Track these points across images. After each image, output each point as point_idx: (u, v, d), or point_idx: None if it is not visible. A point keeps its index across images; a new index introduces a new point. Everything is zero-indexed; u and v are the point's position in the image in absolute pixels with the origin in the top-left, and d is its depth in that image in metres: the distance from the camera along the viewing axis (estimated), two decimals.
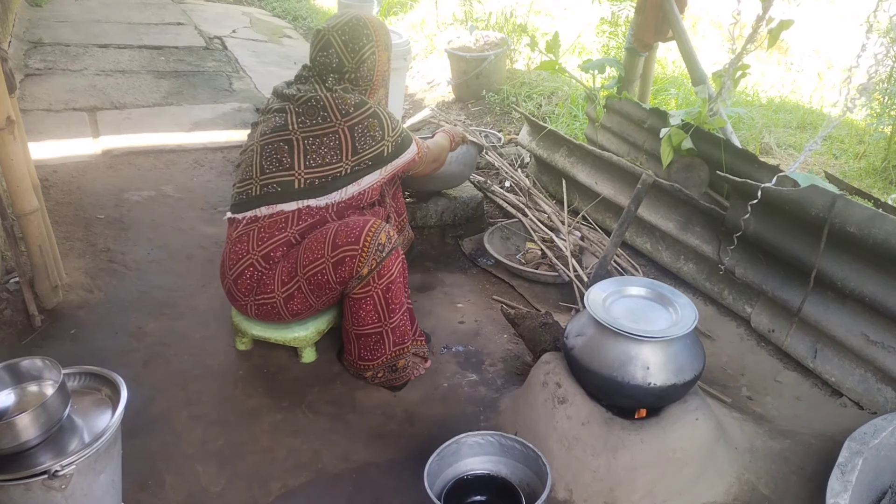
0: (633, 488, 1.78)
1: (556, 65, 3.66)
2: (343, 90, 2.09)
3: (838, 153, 4.29)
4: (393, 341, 2.13)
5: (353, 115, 2.03)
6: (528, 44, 4.90)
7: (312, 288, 2.05)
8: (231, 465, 1.94)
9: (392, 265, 2.02)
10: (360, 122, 2.04)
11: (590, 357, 1.82)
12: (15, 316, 2.42)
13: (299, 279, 2.04)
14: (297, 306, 2.12)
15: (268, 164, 2.06)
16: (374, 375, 2.19)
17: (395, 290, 2.06)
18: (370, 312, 2.06)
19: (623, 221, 2.43)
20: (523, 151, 4.01)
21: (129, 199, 3.40)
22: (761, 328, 2.55)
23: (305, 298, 2.09)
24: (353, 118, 2.03)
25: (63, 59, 5.36)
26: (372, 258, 1.97)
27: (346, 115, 2.02)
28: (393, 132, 2.11)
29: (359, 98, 2.07)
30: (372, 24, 2.16)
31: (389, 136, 2.10)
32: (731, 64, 2.98)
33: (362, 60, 2.13)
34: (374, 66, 2.16)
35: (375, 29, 2.15)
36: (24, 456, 1.44)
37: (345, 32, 2.11)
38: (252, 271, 2.11)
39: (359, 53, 2.12)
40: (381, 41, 2.17)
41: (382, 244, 1.98)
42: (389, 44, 2.21)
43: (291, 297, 2.09)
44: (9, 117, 2.21)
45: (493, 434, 1.87)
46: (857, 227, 2.11)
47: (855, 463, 1.68)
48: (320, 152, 2.02)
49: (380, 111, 2.09)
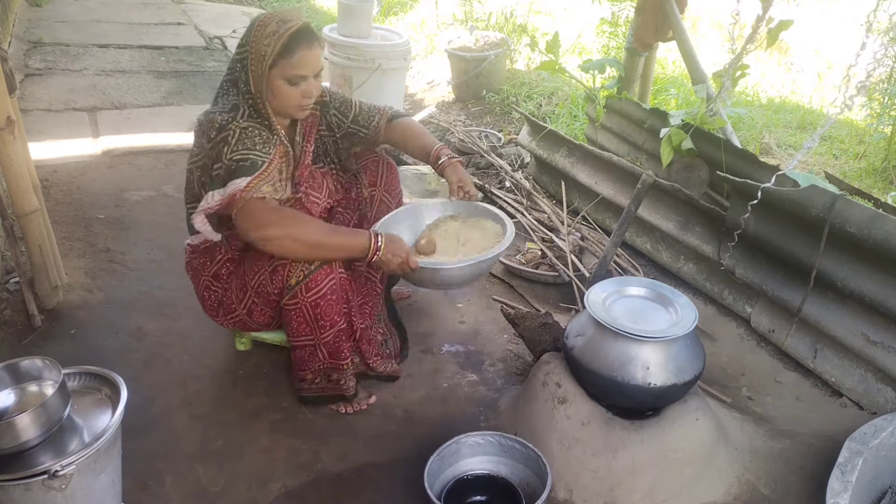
0: (633, 488, 1.78)
1: (556, 65, 3.66)
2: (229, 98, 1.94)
3: (838, 153, 4.29)
4: (327, 354, 2.05)
5: (214, 138, 1.88)
6: (528, 44, 4.89)
7: (262, 299, 2.02)
8: (231, 465, 1.94)
9: (321, 280, 1.92)
10: (215, 145, 1.88)
11: (590, 357, 1.82)
12: (15, 316, 2.42)
13: (250, 292, 2.03)
14: (261, 318, 2.09)
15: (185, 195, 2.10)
16: (312, 382, 2.10)
17: (324, 307, 1.95)
18: (301, 324, 1.99)
19: (623, 221, 2.43)
20: (523, 151, 4.01)
21: (129, 199, 3.40)
22: (761, 328, 2.55)
23: (263, 310, 2.06)
24: (213, 141, 1.89)
25: (63, 59, 5.36)
26: (300, 269, 1.91)
27: (209, 139, 1.90)
28: (230, 154, 1.85)
29: (229, 118, 1.88)
30: (261, 26, 1.85)
31: (226, 157, 1.85)
32: (731, 64, 2.98)
33: (237, 58, 1.92)
34: (248, 74, 1.88)
35: (257, 33, 1.85)
36: (24, 456, 1.44)
37: (251, 23, 1.90)
38: (209, 293, 2.13)
39: (237, 49, 1.93)
40: (257, 50, 1.84)
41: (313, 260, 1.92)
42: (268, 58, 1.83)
43: (252, 311, 2.07)
44: (9, 117, 2.21)
45: (493, 434, 1.87)
46: (857, 228, 2.11)
47: (855, 463, 1.68)
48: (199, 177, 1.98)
49: (233, 135, 1.86)
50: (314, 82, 1.93)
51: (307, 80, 1.90)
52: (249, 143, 1.87)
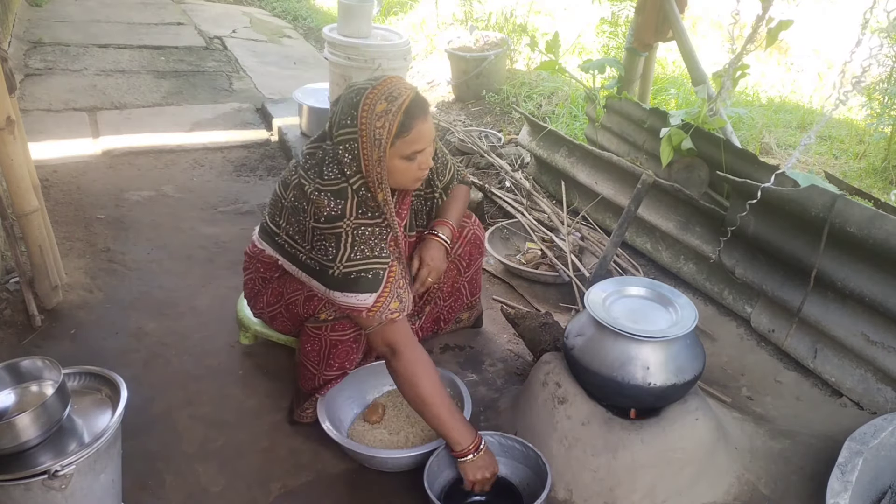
0: (633, 488, 1.78)
1: (556, 65, 3.65)
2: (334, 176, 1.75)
3: (838, 153, 4.29)
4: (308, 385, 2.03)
5: (322, 225, 1.74)
6: (528, 44, 4.89)
7: (289, 315, 2.04)
8: (231, 465, 1.94)
9: (349, 326, 1.91)
10: (323, 233, 1.75)
11: (590, 357, 1.82)
12: (15, 316, 2.42)
13: (281, 304, 2.04)
14: (280, 327, 2.13)
15: (270, 208, 1.98)
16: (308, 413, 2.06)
17: (341, 350, 1.95)
18: (312, 352, 1.98)
19: (623, 221, 2.43)
20: (523, 151, 4.01)
21: (129, 199, 3.40)
22: (761, 328, 2.55)
23: (285, 322, 2.08)
24: (321, 228, 1.75)
25: (63, 59, 5.36)
26: (332, 309, 1.90)
27: (317, 220, 1.75)
28: (347, 262, 1.73)
29: (339, 211, 1.73)
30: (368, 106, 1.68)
31: (341, 262, 1.74)
32: (731, 64, 2.98)
33: (340, 139, 1.74)
34: (357, 157, 1.72)
35: (365, 114, 1.68)
36: (24, 456, 1.44)
37: (346, 97, 1.74)
38: (252, 284, 2.15)
39: (338, 130, 1.74)
40: (369, 134, 1.68)
41: None
42: (385, 141, 1.68)
43: (275, 318, 2.10)
44: (9, 117, 2.21)
45: (493, 434, 1.87)
46: (857, 227, 2.11)
47: (855, 463, 1.68)
48: (296, 227, 1.85)
49: (346, 237, 1.73)
50: (429, 151, 1.81)
51: (423, 152, 1.78)
52: (367, 250, 1.74)
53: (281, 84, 5.29)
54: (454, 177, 2.20)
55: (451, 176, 2.18)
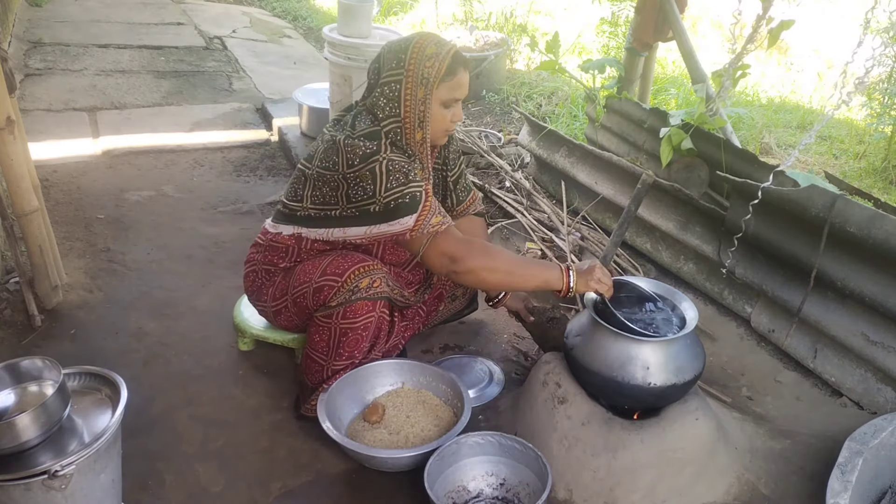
0: (633, 488, 1.78)
1: (556, 65, 3.65)
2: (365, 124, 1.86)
3: (838, 153, 4.29)
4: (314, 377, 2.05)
5: (357, 166, 1.82)
6: (528, 44, 4.89)
7: (297, 309, 2.03)
8: (231, 465, 1.94)
9: (360, 313, 1.92)
10: (358, 173, 1.83)
11: (590, 357, 1.82)
12: (15, 316, 2.42)
13: (287, 298, 2.04)
14: (284, 322, 2.12)
15: (290, 188, 2.04)
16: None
17: (351, 338, 1.96)
18: (322, 342, 1.99)
19: (623, 221, 2.43)
20: (523, 151, 4.01)
21: (129, 199, 3.40)
22: (761, 328, 2.55)
23: (291, 317, 2.08)
24: (355, 169, 1.83)
25: (63, 59, 5.36)
26: (344, 294, 1.91)
27: (350, 166, 1.83)
28: (385, 193, 1.81)
29: (374, 148, 1.81)
30: (418, 48, 1.82)
31: (381, 195, 1.82)
32: (731, 64, 2.98)
33: (383, 83, 1.85)
34: (397, 98, 1.83)
35: (415, 56, 1.81)
36: (24, 456, 1.44)
37: (390, 48, 1.88)
38: (254, 277, 2.15)
39: (382, 75, 1.86)
40: (416, 73, 1.81)
41: (360, 288, 1.90)
42: (433, 80, 1.81)
43: (279, 313, 2.10)
44: (9, 117, 2.21)
45: (493, 434, 1.87)
46: (857, 227, 2.11)
47: (855, 463, 1.68)
48: (323, 190, 1.92)
49: (381, 169, 1.80)
50: (460, 105, 1.93)
51: (457, 103, 1.90)
52: (402, 178, 1.81)
53: (281, 84, 5.29)
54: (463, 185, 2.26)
55: (459, 174, 2.24)
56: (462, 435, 1.85)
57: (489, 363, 2.35)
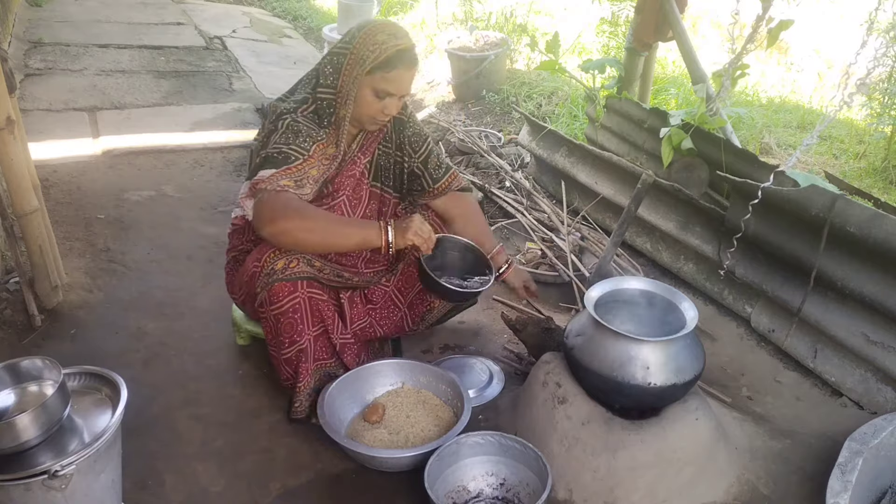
0: (633, 488, 1.78)
1: (556, 65, 3.65)
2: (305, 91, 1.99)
3: (838, 153, 4.29)
4: (284, 376, 2.04)
5: (274, 121, 1.94)
6: (528, 44, 4.89)
7: (250, 298, 2.01)
8: (231, 465, 1.94)
9: (282, 296, 1.88)
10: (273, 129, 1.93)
11: (590, 357, 1.82)
12: (15, 316, 2.42)
13: (244, 287, 2.03)
14: (250, 311, 2.10)
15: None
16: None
17: (284, 324, 1.91)
18: (268, 333, 1.99)
19: (623, 221, 2.43)
20: (523, 151, 4.01)
21: (129, 199, 3.40)
22: (761, 328, 2.55)
23: (251, 306, 2.04)
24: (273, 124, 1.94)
25: (63, 59, 5.36)
26: (262, 280, 1.90)
27: (272, 121, 1.95)
28: (271, 146, 1.89)
29: (292, 107, 1.93)
30: (371, 31, 1.88)
31: (267, 148, 1.90)
32: (731, 64, 2.98)
33: (333, 52, 1.94)
34: (338, 71, 1.91)
35: (364, 37, 1.87)
36: (24, 456, 1.44)
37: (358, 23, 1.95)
38: (229, 268, 2.18)
39: (338, 44, 1.94)
40: (359, 53, 1.86)
41: (276, 269, 1.87)
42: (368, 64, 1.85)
43: (245, 302, 2.08)
44: (9, 117, 2.21)
45: (493, 434, 1.87)
46: (857, 227, 2.11)
47: (855, 463, 1.68)
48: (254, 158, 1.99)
49: (282, 125, 1.90)
50: (397, 102, 1.94)
51: (392, 98, 1.92)
52: (292, 137, 1.89)
53: (281, 84, 5.26)
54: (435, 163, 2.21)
55: (427, 154, 2.20)
56: (462, 435, 1.85)
57: (489, 363, 2.35)
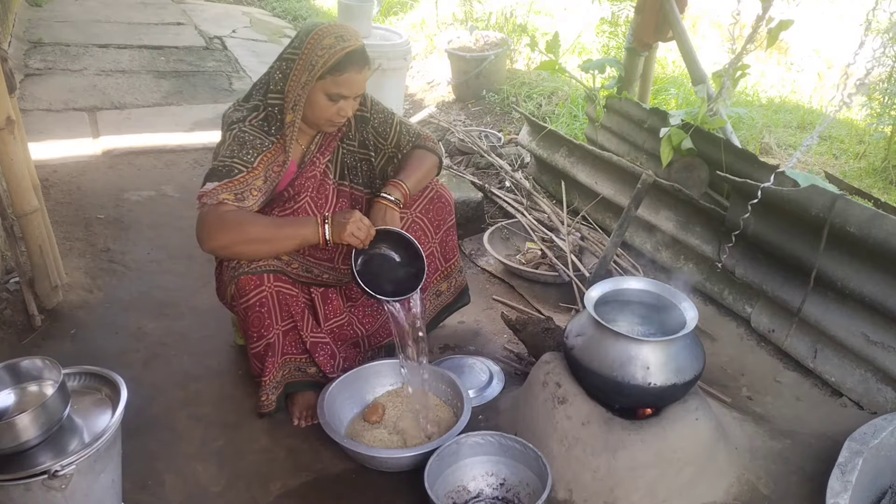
0: (633, 488, 1.78)
1: (556, 65, 3.65)
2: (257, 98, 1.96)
3: (838, 153, 4.29)
4: (254, 370, 2.05)
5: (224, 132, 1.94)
6: (528, 44, 4.89)
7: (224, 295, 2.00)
8: (231, 465, 1.94)
9: (249, 290, 1.88)
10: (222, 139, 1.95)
11: (590, 357, 1.82)
12: (15, 316, 2.42)
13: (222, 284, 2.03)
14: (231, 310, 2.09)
15: None
16: None
17: (253, 318, 1.91)
18: (241, 329, 2.00)
19: (623, 221, 2.43)
20: (523, 151, 4.01)
21: (129, 199, 3.40)
22: (761, 328, 2.55)
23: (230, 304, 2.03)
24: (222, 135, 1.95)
25: (63, 59, 5.36)
26: (230, 273, 1.91)
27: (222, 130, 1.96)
28: (218, 158, 1.90)
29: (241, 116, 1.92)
30: (318, 36, 1.84)
31: (214, 160, 1.92)
32: (731, 64, 2.98)
33: (282, 58, 1.90)
34: (286, 77, 1.88)
35: (312, 42, 1.84)
36: (24, 456, 1.44)
37: (303, 27, 1.93)
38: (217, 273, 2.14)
39: (286, 50, 1.91)
40: (307, 58, 1.83)
41: (241, 263, 1.88)
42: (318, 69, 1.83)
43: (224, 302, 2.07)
44: (9, 117, 2.21)
45: (493, 434, 1.87)
46: (857, 227, 2.11)
47: (855, 463, 1.68)
48: None
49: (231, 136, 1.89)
50: (352, 103, 1.94)
51: (346, 100, 1.91)
52: (237, 149, 1.88)
53: None
54: (407, 139, 2.18)
55: (398, 135, 2.17)
56: (462, 435, 1.85)
57: (489, 363, 2.35)
